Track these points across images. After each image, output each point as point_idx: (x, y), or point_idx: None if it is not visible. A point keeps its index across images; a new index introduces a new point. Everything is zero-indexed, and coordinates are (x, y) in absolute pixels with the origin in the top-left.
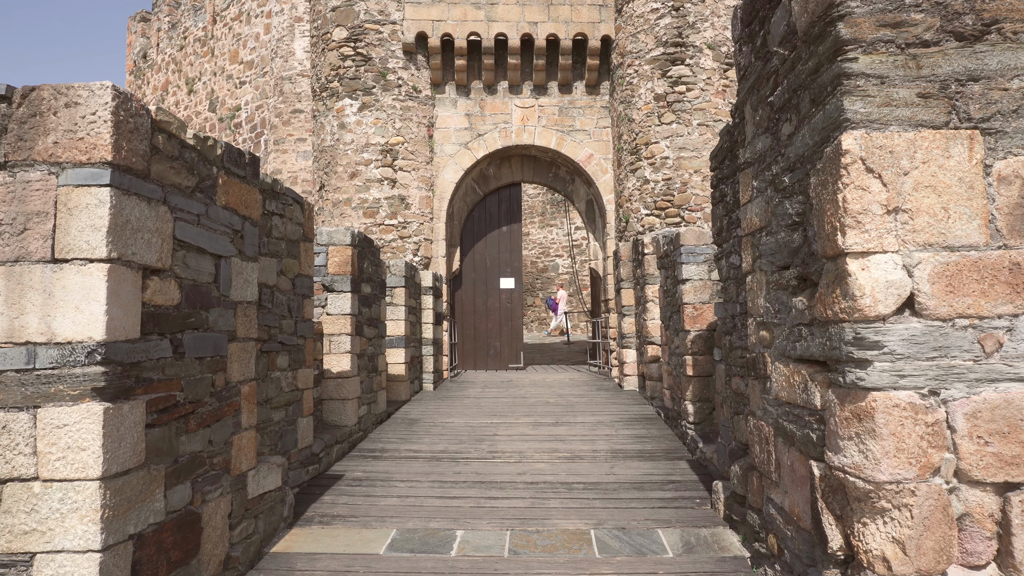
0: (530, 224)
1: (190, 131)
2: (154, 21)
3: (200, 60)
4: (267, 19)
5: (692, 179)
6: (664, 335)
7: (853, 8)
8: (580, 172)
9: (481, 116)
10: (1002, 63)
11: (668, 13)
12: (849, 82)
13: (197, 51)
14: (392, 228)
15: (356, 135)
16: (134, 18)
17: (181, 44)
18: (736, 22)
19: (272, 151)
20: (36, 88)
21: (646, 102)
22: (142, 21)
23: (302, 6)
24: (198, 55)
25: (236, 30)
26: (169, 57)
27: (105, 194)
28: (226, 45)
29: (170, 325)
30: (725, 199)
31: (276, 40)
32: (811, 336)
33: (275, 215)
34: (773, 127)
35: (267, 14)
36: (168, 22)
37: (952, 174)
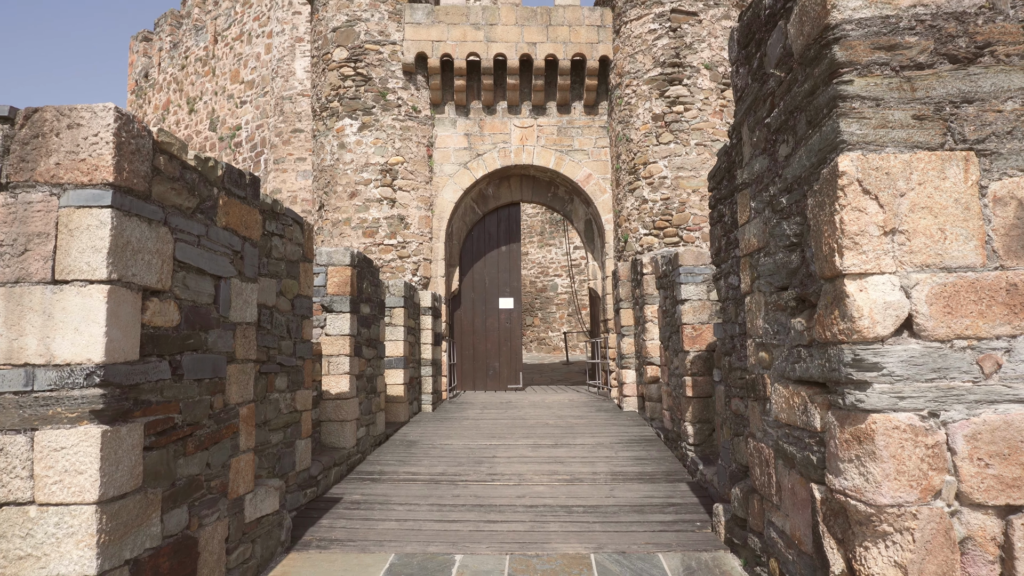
0: (529, 244)
1: (191, 152)
2: (156, 41)
3: (201, 79)
4: (268, 39)
5: (690, 199)
6: (663, 355)
7: (848, 31)
8: (579, 192)
9: (480, 136)
10: (995, 85)
11: (666, 34)
12: (845, 104)
13: (198, 70)
14: (391, 248)
15: (356, 155)
16: (136, 38)
17: (183, 64)
18: (733, 44)
19: (272, 170)
20: (39, 109)
21: (644, 122)
22: (144, 41)
23: (303, 26)
24: (199, 74)
25: (237, 50)
26: (170, 76)
27: (106, 215)
28: (227, 65)
29: (169, 347)
30: (723, 219)
31: (277, 60)
32: (810, 357)
33: (275, 235)
34: (770, 148)
35: (268, 34)
36: (170, 42)
37: (948, 195)
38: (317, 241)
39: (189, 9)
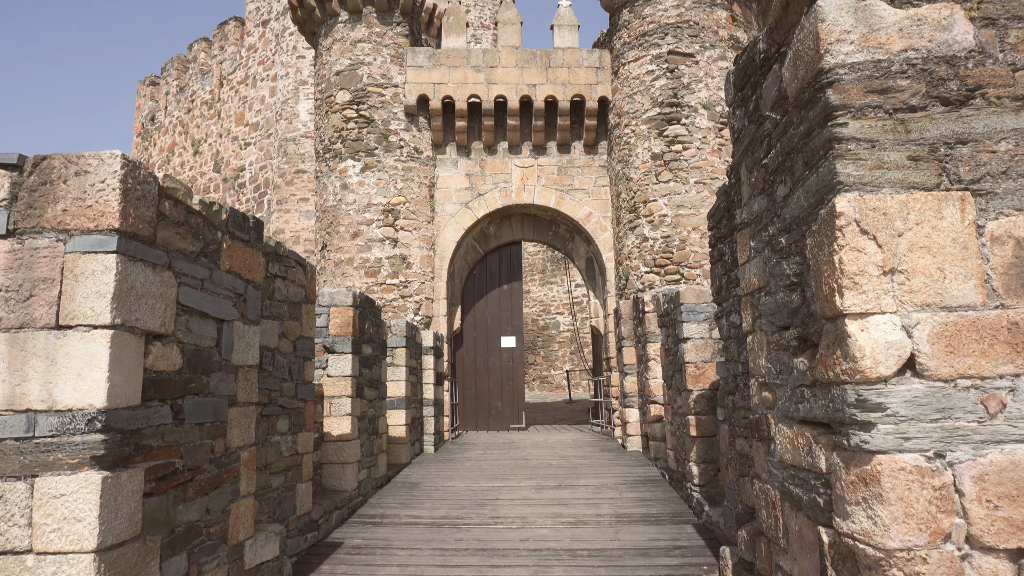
0: (530, 282)
1: (196, 197)
2: (163, 85)
3: (207, 122)
4: (272, 82)
5: (691, 236)
6: (667, 394)
7: (841, 75)
8: (579, 230)
9: (481, 176)
10: (988, 126)
11: (663, 75)
12: (840, 146)
13: (204, 113)
14: (393, 287)
15: (358, 195)
16: (144, 82)
17: (188, 107)
18: (729, 86)
19: (275, 211)
20: (47, 157)
21: (643, 161)
22: (151, 85)
23: (307, 70)
24: (205, 117)
25: (242, 93)
26: (176, 119)
27: (111, 260)
28: (232, 108)
29: (171, 391)
30: (723, 258)
31: (281, 103)
32: (813, 398)
33: (278, 277)
34: (768, 188)
35: (272, 78)
36: (176, 85)
37: (946, 235)
38: (320, 281)
39: (195, 54)
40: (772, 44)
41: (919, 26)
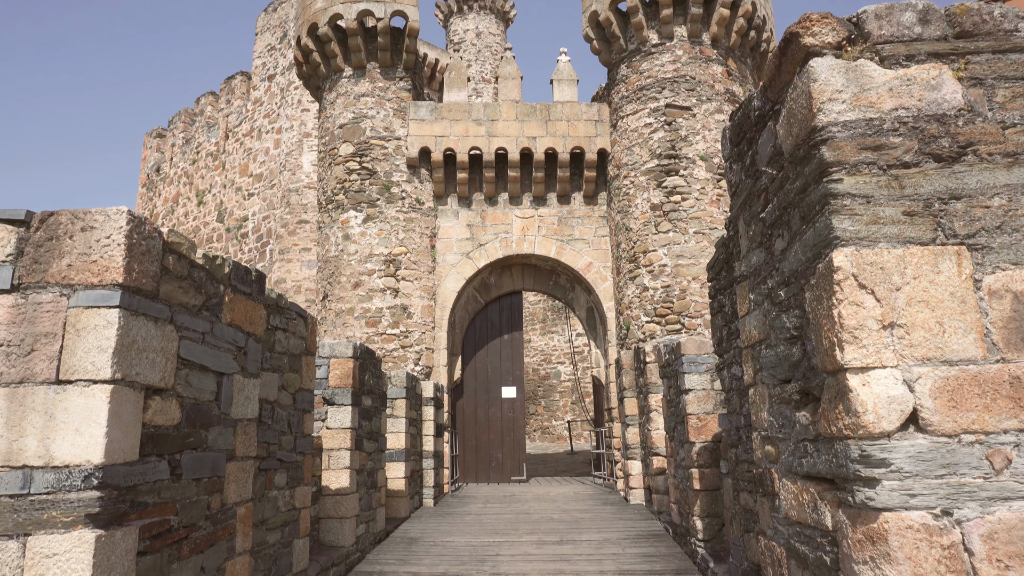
0: (531, 331)
1: (200, 250)
2: (169, 137)
3: (211, 173)
4: (277, 135)
5: (691, 286)
6: (669, 446)
7: (835, 133)
8: (580, 280)
9: (482, 226)
10: (981, 182)
11: (661, 127)
12: (836, 201)
13: (209, 164)
14: (394, 337)
15: (360, 246)
16: (150, 134)
17: (194, 158)
18: (725, 142)
19: (277, 260)
20: (54, 213)
21: (643, 211)
22: (158, 137)
23: (311, 123)
24: (209, 168)
25: (247, 145)
26: (181, 170)
27: (114, 315)
28: (237, 159)
29: (169, 446)
30: (723, 310)
31: (285, 154)
32: (817, 453)
33: (279, 330)
34: (766, 242)
35: (277, 130)
36: (183, 138)
37: (943, 289)
38: (320, 331)
39: (202, 107)
40: (766, 102)
41: (909, 86)
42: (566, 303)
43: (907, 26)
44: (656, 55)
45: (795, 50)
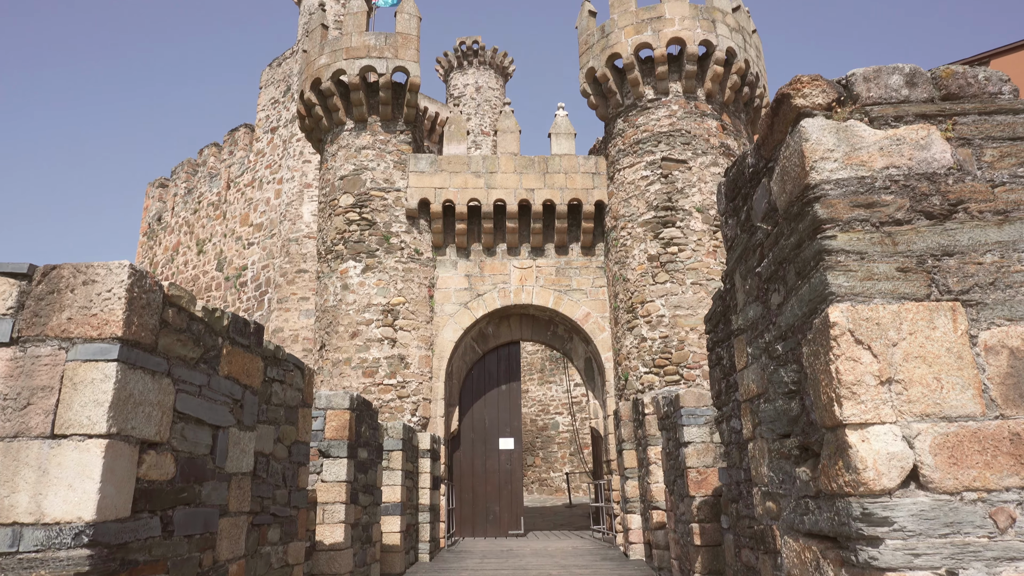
0: (529, 381)
1: (199, 303)
2: (171, 187)
3: (212, 222)
4: (278, 185)
5: (689, 337)
6: (669, 500)
7: (827, 191)
8: (578, 330)
9: (480, 277)
10: (972, 239)
11: (657, 180)
12: (830, 258)
13: (210, 214)
14: (391, 388)
15: (358, 295)
16: (153, 184)
17: (195, 208)
18: (721, 197)
19: (275, 309)
20: (57, 267)
21: (640, 262)
22: (160, 187)
23: (312, 174)
24: (210, 218)
25: (248, 195)
26: (182, 220)
27: (111, 369)
28: (238, 209)
29: (162, 501)
30: (722, 362)
31: (286, 204)
32: (818, 510)
33: (276, 381)
34: (763, 296)
35: (279, 181)
36: (185, 187)
37: (940, 344)
38: (317, 382)
39: (205, 158)
40: (760, 159)
41: (898, 145)
42: (564, 353)
43: (894, 88)
44: (652, 110)
45: (787, 110)
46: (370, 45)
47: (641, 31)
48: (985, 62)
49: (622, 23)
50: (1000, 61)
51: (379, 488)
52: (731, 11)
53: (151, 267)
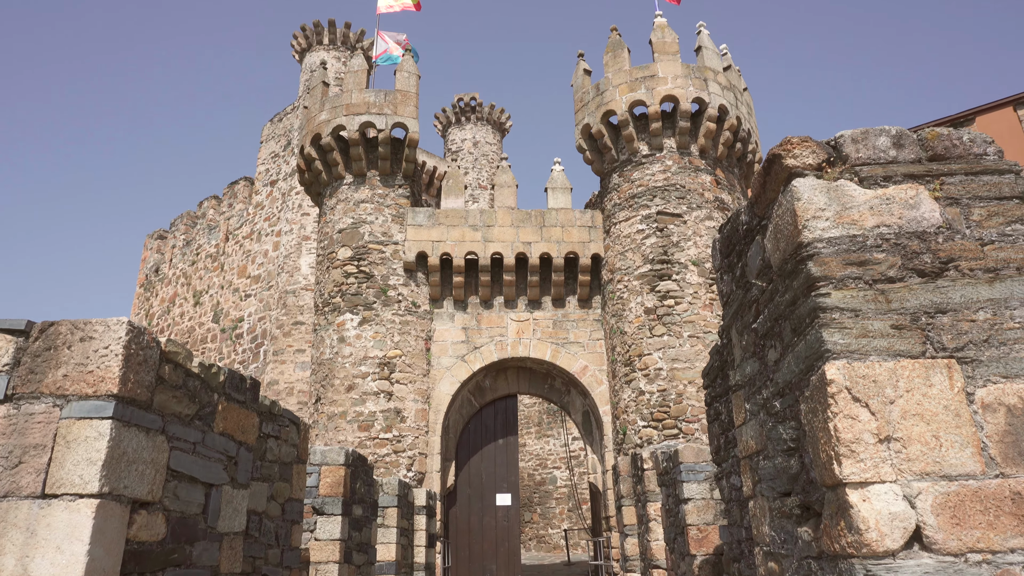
0: (526, 435)
1: (196, 359)
2: (170, 239)
3: (209, 274)
4: (277, 237)
5: (687, 390)
6: (670, 559)
7: (820, 249)
8: (575, 383)
9: (477, 329)
10: (965, 296)
11: (653, 233)
12: (825, 315)
13: (208, 266)
14: (387, 442)
15: (355, 348)
16: (152, 236)
17: (193, 259)
18: (716, 253)
19: (271, 361)
20: (55, 323)
21: (637, 315)
22: (159, 239)
23: (310, 226)
24: (208, 269)
25: (247, 247)
26: (180, 271)
27: (106, 427)
28: (236, 261)
29: (152, 563)
30: (720, 417)
31: (284, 256)
32: (821, 571)
33: (271, 437)
34: (759, 352)
35: (277, 233)
36: (183, 239)
37: (937, 402)
38: (312, 436)
39: (204, 211)
40: (753, 216)
41: (888, 204)
42: (562, 407)
43: (882, 149)
44: (647, 165)
45: (778, 170)
46: (370, 102)
47: (635, 89)
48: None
49: (616, 81)
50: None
51: (373, 546)
52: (722, 70)
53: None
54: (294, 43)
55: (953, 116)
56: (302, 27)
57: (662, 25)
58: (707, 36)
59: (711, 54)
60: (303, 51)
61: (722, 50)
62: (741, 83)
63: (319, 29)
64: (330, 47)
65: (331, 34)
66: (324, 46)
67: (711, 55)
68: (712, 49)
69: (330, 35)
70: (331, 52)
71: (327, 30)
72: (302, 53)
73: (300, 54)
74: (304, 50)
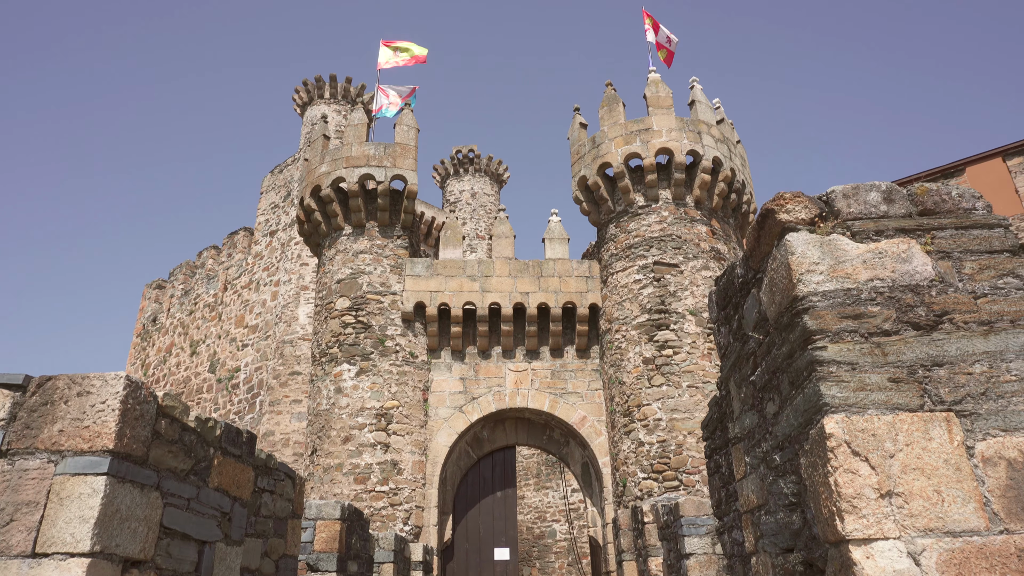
0: (525, 487)
1: (193, 413)
2: (168, 288)
3: (207, 324)
4: (275, 287)
5: (687, 441)
6: None
7: (815, 302)
8: (574, 434)
9: (475, 380)
10: (960, 350)
11: (650, 283)
12: (822, 368)
13: (205, 315)
14: (383, 495)
15: (352, 399)
16: (150, 286)
17: (191, 309)
18: (712, 305)
19: (267, 412)
20: (52, 378)
21: (635, 365)
22: (157, 288)
23: (309, 276)
24: (206, 319)
25: (245, 297)
26: (178, 321)
27: (100, 483)
28: (234, 310)
29: None
30: (720, 470)
31: (282, 306)
32: None
33: (266, 492)
34: (758, 405)
35: (275, 283)
36: (182, 289)
37: (937, 456)
38: (307, 489)
39: (204, 260)
40: (749, 270)
41: (881, 258)
42: (560, 458)
43: (873, 204)
44: (643, 216)
45: (772, 224)
46: (369, 155)
47: (630, 142)
48: (960, 170)
49: (612, 134)
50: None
51: None
52: (715, 123)
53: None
54: (296, 97)
55: (944, 167)
56: (304, 82)
57: (656, 80)
58: (700, 91)
59: (704, 108)
60: (304, 104)
61: (715, 104)
62: (734, 136)
63: (320, 84)
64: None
65: (332, 88)
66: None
67: (704, 109)
68: (705, 103)
69: (331, 89)
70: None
71: (328, 85)
72: (303, 106)
73: (301, 107)
74: (306, 104)
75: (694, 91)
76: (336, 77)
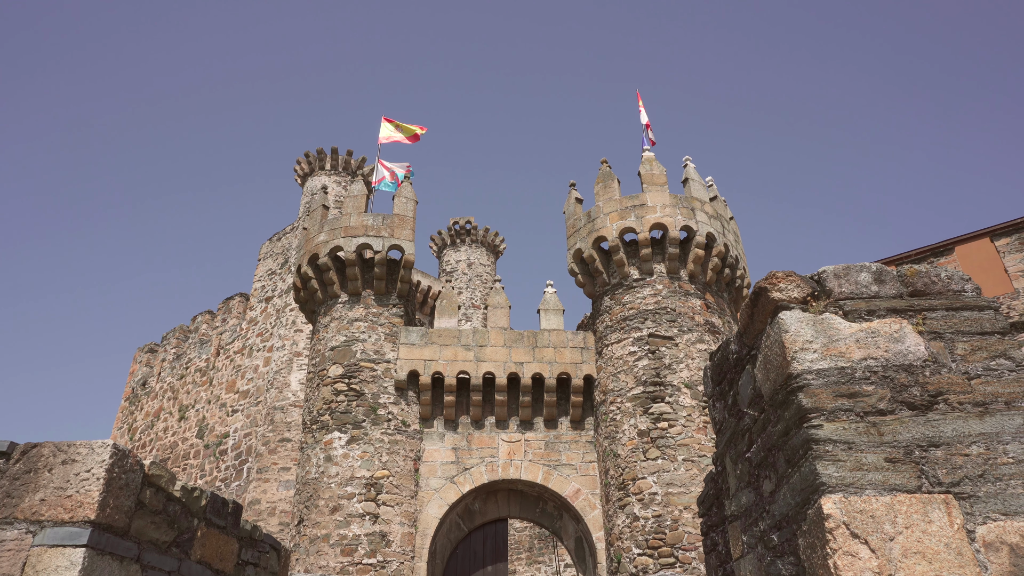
0: (516, 561)
1: (179, 483)
2: (160, 352)
3: (197, 388)
4: (268, 353)
5: (683, 516)
6: None
7: (810, 380)
8: (568, 507)
9: (468, 450)
10: (956, 431)
11: (645, 355)
12: (818, 447)
13: (196, 380)
14: (370, 568)
15: (342, 468)
16: (142, 349)
17: (182, 374)
18: (707, 380)
19: (254, 479)
20: (37, 445)
21: (630, 438)
22: (149, 352)
23: (303, 342)
24: (196, 384)
25: (237, 362)
26: (168, 385)
27: (79, 556)
28: (225, 375)
29: None
30: (717, 548)
31: (274, 372)
32: None
33: (249, 564)
34: (754, 482)
35: (269, 348)
36: (174, 353)
37: (938, 539)
38: (292, 560)
39: (197, 325)
40: (743, 346)
41: (874, 338)
42: (553, 532)
43: (864, 285)
44: (637, 288)
45: (765, 302)
46: (368, 225)
47: (625, 217)
48: (950, 249)
49: (607, 209)
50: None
51: None
52: (709, 200)
53: (130, 433)
54: (297, 167)
55: (934, 245)
56: (306, 153)
57: (650, 158)
58: (693, 169)
59: (698, 185)
60: (305, 175)
61: (708, 182)
62: (727, 212)
63: (322, 156)
64: (331, 172)
65: (333, 160)
66: (326, 171)
67: (698, 186)
68: (698, 181)
69: (332, 161)
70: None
71: (329, 157)
72: (304, 177)
73: (302, 178)
74: (306, 174)
75: (687, 169)
76: (338, 150)
